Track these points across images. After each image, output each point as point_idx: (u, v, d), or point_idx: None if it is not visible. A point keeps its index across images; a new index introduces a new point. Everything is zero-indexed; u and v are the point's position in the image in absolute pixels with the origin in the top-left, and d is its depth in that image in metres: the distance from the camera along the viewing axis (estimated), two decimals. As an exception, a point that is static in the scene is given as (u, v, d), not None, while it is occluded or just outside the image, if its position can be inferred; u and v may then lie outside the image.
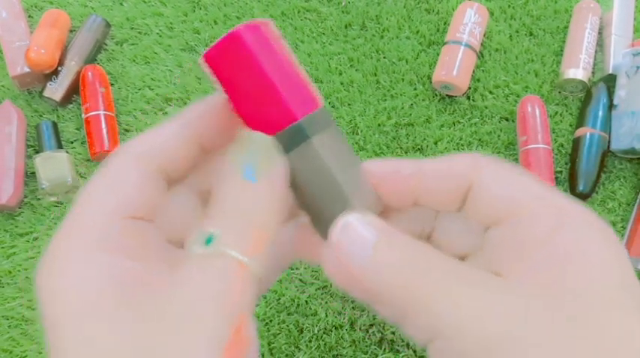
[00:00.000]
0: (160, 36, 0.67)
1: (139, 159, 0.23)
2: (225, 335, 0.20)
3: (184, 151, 0.24)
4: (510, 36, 0.69)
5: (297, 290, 0.56)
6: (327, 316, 0.55)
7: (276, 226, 0.23)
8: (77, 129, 0.62)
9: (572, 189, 0.60)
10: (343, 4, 0.69)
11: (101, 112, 0.60)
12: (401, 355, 0.54)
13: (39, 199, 0.59)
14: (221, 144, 0.25)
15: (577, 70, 0.64)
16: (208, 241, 0.21)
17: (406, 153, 0.62)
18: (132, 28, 0.67)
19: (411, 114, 0.64)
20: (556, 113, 0.65)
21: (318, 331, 0.54)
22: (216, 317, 0.20)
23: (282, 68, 0.24)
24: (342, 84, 0.66)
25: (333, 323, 0.54)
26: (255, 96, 0.23)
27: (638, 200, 0.60)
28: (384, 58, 0.67)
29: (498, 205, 0.23)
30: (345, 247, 0.22)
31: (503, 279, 0.22)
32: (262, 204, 0.22)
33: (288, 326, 0.54)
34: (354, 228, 0.22)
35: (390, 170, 0.25)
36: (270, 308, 0.55)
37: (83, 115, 0.61)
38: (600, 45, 0.68)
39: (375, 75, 0.66)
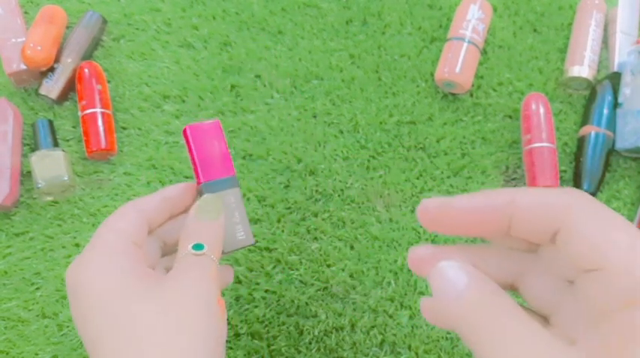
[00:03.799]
0: (158, 32, 0.66)
1: (139, 212, 0.39)
2: (215, 296, 0.35)
3: (161, 216, 0.40)
4: (514, 32, 0.68)
5: (297, 291, 0.55)
6: (327, 318, 0.54)
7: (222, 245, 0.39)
8: (74, 126, 0.61)
9: (577, 188, 0.59)
10: (344, -1, 0.68)
11: (98, 110, 0.59)
12: (402, 357, 0.53)
13: (35, 198, 0.58)
14: (182, 212, 0.42)
15: (582, 68, 0.63)
16: (198, 247, 0.36)
17: (408, 151, 0.62)
18: (129, 24, 0.66)
19: (413, 112, 0.63)
20: (560, 111, 0.64)
21: (318, 333, 0.53)
22: (211, 286, 0.35)
23: (227, 145, 0.43)
24: (343, 81, 0.65)
25: (334, 325, 0.54)
26: (214, 157, 0.42)
27: (643, 200, 0.60)
28: (386, 54, 0.66)
29: (583, 252, 0.25)
30: (438, 285, 0.28)
31: (569, 348, 0.24)
32: (218, 232, 0.39)
33: (288, 328, 0.53)
34: (446, 272, 0.28)
35: (483, 203, 0.28)
36: (270, 310, 0.54)
37: (80, 113, 0.60)
38: (605, 42, 0.67)
39: (377, 72, 0.65)
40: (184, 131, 0.42)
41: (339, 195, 0.59)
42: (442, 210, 0.28)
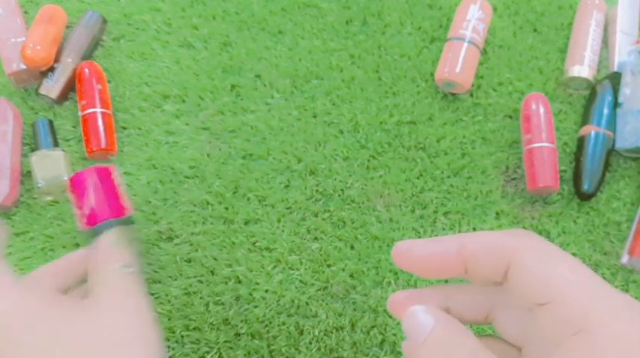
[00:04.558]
0: (158, 32, 0.66)
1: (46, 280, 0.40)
2: (148, 303, 0.38)
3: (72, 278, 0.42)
4: (514, 32, 0.68)
5: (297, 291, 0.55)
6: (327, 317, 0.54)
7: None
8: (74, 126, 0.61)
9: (577, 189, 0.59)
10: (344, -1, 0.68)
11: (98, 110, 0.59)
12: (402, 357, 0.53)
13: (35, 198, 0.58)
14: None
15: (582, 68, 0.63)
16: (127, 267, 0.39)
17: (408, 151, 0.62)
18: (129, 24, 0.66)
19: (413, 112, 0.63)
20: (560, 111, 0.64)
21: (318, 333, 0.53)
22: (141, 293, 0.38)
23: (121, 189, 0.45)
24: (343, 81, 0.65)
25: (334, 325, 0.54)
26: (110, 200, 0.44)
27: (643, 199, 0.60)
28: (386, 54, 0.66)
29: (530, 288, 0.27)
30: (408, 328, 0.29)
31: None
32: (133, 256, 0.41)
33: (288, 327, 0.54)
34: (415, 316, 0.29)
35: (436, 250, 0.30)
36: (270, 310, 0.54)
37: (80, 113, 0.60)
38: (605, 42, 0.67)
39: (377, 72, 0.65)
40: (71, 180, 0.45)
41: (339, 195, 0.59)
42: (407, 255, 0.30)
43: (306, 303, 0.55)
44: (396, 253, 0.30)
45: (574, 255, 0.57)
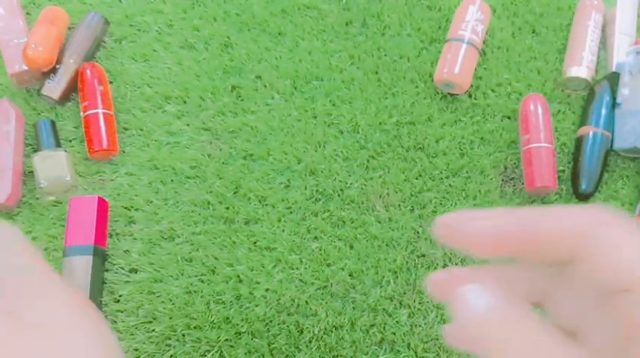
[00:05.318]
0: (159, 33, 0.66)
1: None
2: (108, 324, 0.36)
3: None
4: (513, 33, 0.68)
5: (297, 290, 0.56)
6: (327, 316, 0.54)
7: None
8: (76, 127, 0.62)
9: (575, 189, 0.60)
10: (344, 0, 0.69)
11: (100, 110, 0.60)
12: (401, 356, 0.53)
13: (37, 198, 0.58)
14: None
15: (580, 68, 0.64)
16: None
17: (407, 151, 0.62)
18: (131, 26, 0.67)
19: (412, 113, 0.64)
20: (559, 111, 0.64)
21: (318, 331, 0.54)
22: (100, 314, 0.37)
23: (107, 222, 0.58)
24: (342, 82, 0.65)
25: (334, 324, 0.54)
26: (98, 229, 0.55)
27: (641, 199, 0.60)
28: (385, 55, 0.66)
29: (609, 274, 0.23)
30: (463, 308, 0.25)
31: None
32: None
33: (288, 326, 0.54)
34: (471, 294, 0.25)
35: (501, 228, 0.26)
36: (270, 309, 0.55)
37: (82, 113, 0.61)
38: (603, 43, 0.67)
39: (376, 73, 0.66)
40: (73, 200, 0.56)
41: (338, 195, 0.60)
42: (461, 230, 0.26)
43: (306, 302, 0.55)
44: (444, 226, 0.27)
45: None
